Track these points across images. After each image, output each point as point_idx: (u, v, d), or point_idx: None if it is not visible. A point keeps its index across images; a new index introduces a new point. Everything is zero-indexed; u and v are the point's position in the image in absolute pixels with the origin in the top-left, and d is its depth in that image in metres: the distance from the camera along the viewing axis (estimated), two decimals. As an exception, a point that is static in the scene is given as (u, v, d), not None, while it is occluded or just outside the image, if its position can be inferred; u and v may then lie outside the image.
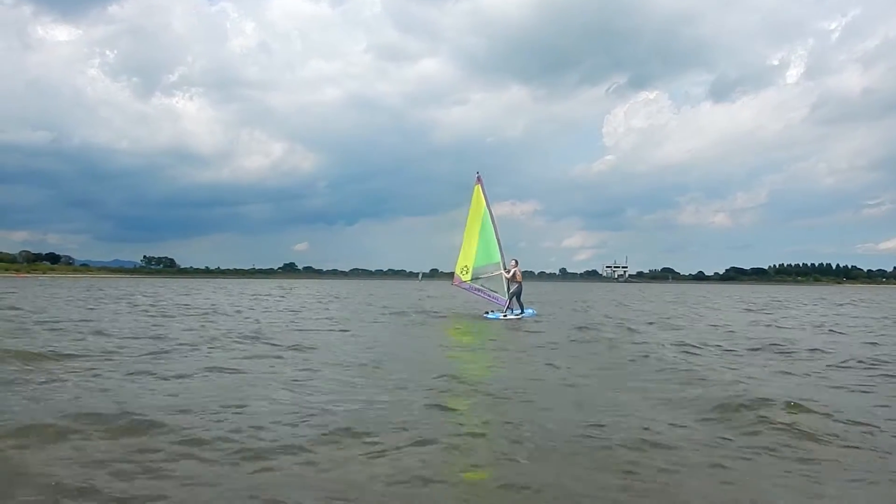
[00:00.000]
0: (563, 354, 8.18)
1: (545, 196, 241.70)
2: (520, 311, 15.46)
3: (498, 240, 15.94)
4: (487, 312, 15.60)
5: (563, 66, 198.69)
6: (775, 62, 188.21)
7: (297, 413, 4.48)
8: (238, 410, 4.59)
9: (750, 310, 21.62)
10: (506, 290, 15.67)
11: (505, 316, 15.11)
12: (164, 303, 20.78)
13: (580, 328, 12.57)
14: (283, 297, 28.44)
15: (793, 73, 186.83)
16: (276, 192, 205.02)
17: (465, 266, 16.17)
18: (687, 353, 8.32)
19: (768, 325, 14.00)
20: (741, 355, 8.21)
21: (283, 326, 12.03)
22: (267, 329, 11.20)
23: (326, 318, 14.94)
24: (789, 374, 6.63)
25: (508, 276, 15.50)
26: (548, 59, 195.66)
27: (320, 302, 22.97)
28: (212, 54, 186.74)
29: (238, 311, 16.93)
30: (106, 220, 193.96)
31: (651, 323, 14.63)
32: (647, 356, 7.75)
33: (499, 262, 15.78)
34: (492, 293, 16.01)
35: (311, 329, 11.71)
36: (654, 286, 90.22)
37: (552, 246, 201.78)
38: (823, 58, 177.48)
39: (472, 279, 16.06)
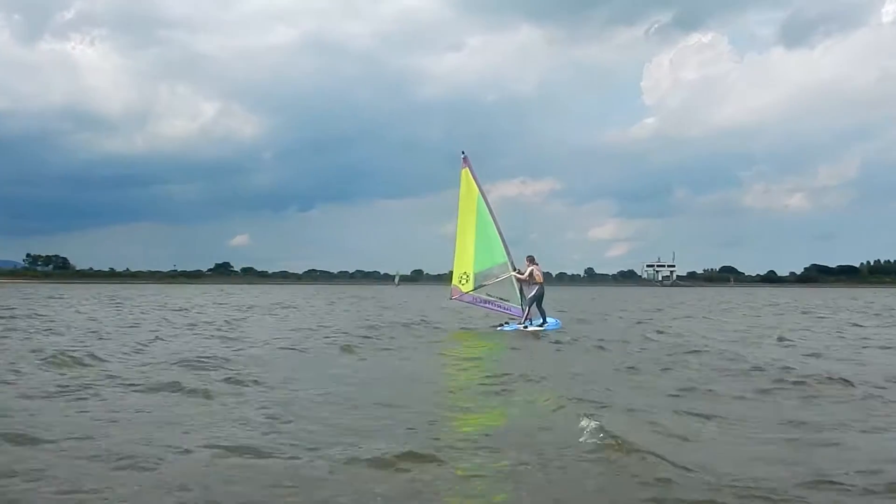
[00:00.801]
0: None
1: (566, 172, 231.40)
2: (541, 320, 15.50)
3: (500, 233, 15.88)
4: (501, 325, 15.54)
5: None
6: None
7: None
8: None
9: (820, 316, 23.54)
10: (519, 296, 15.47)
11: (524, 327, 15.11)
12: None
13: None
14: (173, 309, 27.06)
15: (889, 10, 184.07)
16: (206, 166, 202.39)
17: (465, 273, 15.85)
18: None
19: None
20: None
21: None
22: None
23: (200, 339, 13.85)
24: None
25: (524, 277, 15.09)
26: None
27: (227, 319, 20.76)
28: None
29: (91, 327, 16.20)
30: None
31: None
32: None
33: (505, 262, 15.69)
34: (502, 303, 15.55)
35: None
36: (710, 291, 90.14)
37: (576, 238, 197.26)
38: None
39: (475, 288, 15.54)
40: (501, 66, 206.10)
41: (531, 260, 15.50)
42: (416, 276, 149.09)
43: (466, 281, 15.81)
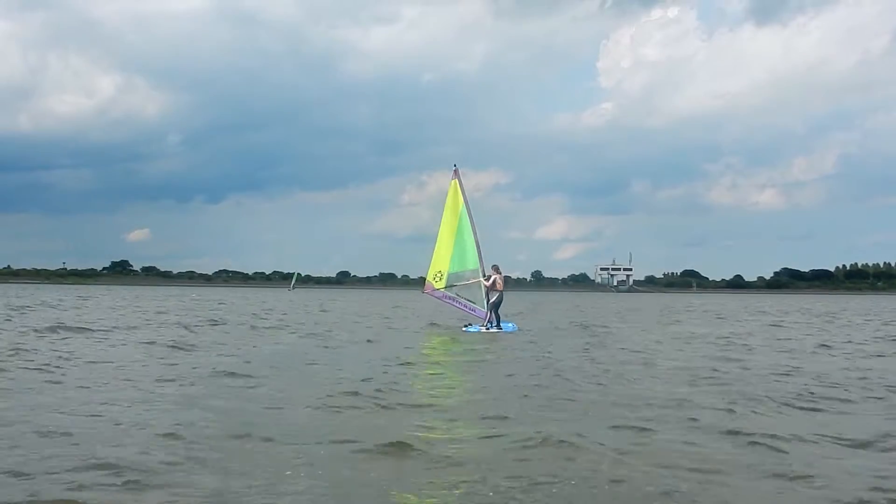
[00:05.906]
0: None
1: (512, 162, 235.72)
2: (496, 323, 18.89)
3: (477, 243, 19.72)
4: (467, 325, 19.13)
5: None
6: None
7: None
8: None
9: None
10: (484, 300, 19.19)
11: (487, 329, 18.69)
12: None
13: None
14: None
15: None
16: (101, 150, 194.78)
17: (439, 272, 19.62)
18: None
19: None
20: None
21: None
22: None
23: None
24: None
25: (488, 283, 19.01)
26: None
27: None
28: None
29: None
30: None
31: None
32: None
33: (477, 269, 19.47)
34: (468, 303, 19.40)
35: None
36: (671, 297, 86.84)
37: (522, 237, 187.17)
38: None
39: (446, 286, 19.33)
40: (441, 42, 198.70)
41: (496, 269, 18.89)
42: (342, 279, 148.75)
43: (440, 279, 19.50)
